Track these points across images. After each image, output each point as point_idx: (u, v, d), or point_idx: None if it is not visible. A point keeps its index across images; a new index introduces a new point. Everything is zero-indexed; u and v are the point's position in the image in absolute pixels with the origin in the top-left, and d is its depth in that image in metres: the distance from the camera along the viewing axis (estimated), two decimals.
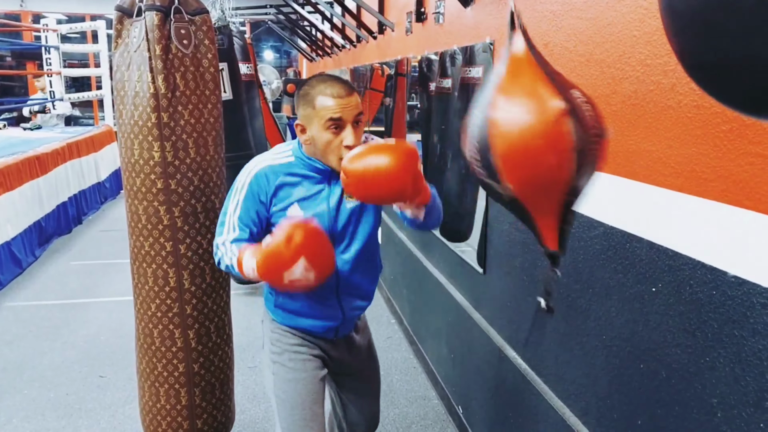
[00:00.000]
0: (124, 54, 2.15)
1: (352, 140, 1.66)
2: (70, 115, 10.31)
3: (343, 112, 1.65)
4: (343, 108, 1.65)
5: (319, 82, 1.70)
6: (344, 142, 1.66)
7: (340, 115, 1.64)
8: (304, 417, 1.86)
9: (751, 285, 1.24)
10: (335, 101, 1.65)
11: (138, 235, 2.24)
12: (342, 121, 1.65)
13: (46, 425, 3.10)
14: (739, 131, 1.27)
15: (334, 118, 1.64)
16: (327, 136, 1.66)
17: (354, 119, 1.67)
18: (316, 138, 1.69)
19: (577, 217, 1.86)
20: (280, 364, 1.90)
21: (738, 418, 1.29)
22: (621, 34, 1.64)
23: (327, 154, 1.70)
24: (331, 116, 1.64)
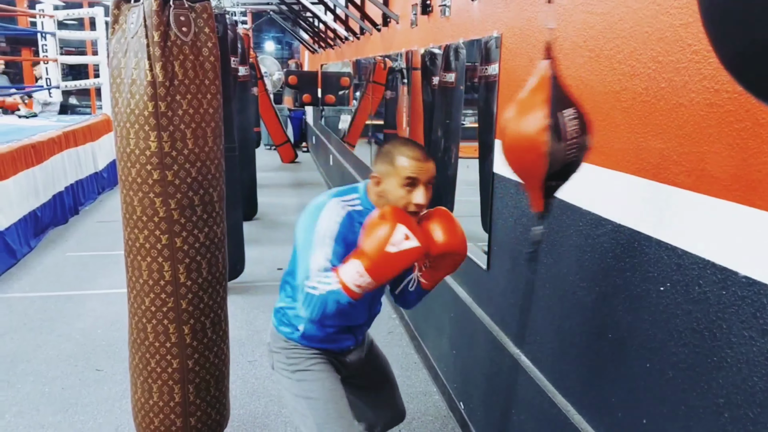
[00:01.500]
0: (121, 40, 2.11)
1: (422, 199, 1.80)
2: (66, 103, 10.24)
3: (419, 173, 1.79)
4: (419, 170, 1.80)
5: (402, 144, 1.86)
6: (414, 200, 1.80)
7: (417, 175, 1.79)
8: (338, 409, 1.97)
9: (762, 285, 1.23)
10: (414, 163, 1.79)
11: (133, 228, 2.20)
12: (417, 181, 1.80)
13: (41, 420, 3.06)
14: (753, 130, 1.24)
15: (411, 176, 1.79)
16: (401, 192, 1.80)
17: (427, 181, 1.82)
18: (390, 191, 1.82)
19: (584, 215, 1.85)
20: (302, 371, 2.01)
21: (744, 418, 1.28)
22: (632, 30, 1.61)
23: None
24: (410, 175, 1.79)
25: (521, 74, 2.29)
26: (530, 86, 1.48)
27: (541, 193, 1.49)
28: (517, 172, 1.55)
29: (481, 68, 2.78)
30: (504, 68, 2.46)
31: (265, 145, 12.47)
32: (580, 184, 1.87)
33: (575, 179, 1.48)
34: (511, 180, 2.35)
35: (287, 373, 2.03)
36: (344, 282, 1.71)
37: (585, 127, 1.42)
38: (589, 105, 1.82)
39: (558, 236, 2.02)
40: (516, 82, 2.34)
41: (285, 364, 2.03)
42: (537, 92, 1.45)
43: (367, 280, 1.69)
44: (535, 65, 2.16)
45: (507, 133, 1.49)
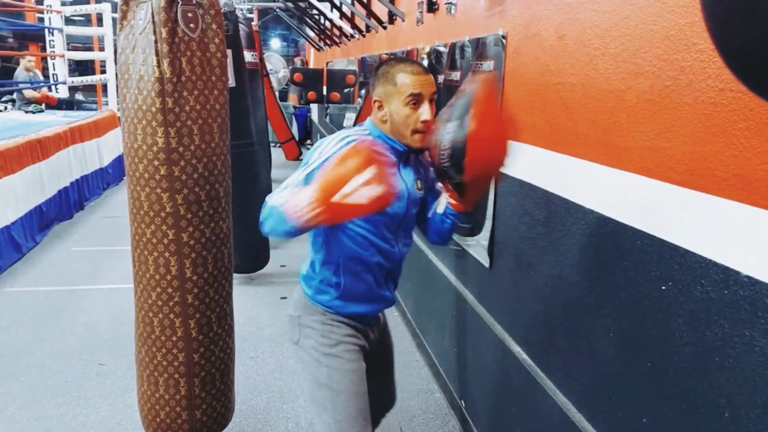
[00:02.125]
0: (129, 36, 2.12)
1: (429, 115, 1.74)
2: (72, 99, 10.26)
3: (422, 88, 1.73)
4: (422, 84, 1.74)
5: (398, 62, 1.79)
6: (421, 117, 1.74)
7: (420, 90, 1.73)
8: (359, 409, 1.88)
9: (764, 285, 1.23)
10: (415, 77, 1.74)
11: (140, 222, 2.21)
12: (421, 97, 1.74)
13: (44, 413, 3.08)
14: (756, 129, 1.25)
15: (415, 94, 1.73)
16: (406, 111, 1.75)
17: (430, 96, 1.76)
18: (394, 113, 1.77)
19: (586, 214, 1.85)
20: (333, 355, 1.90)
21: (746, 419, 1.28)
22: (637, 28, 1.61)
23: (403, 128, 1.78)
24: (412, 92, 1.73)
25: (526, 72, 2.30)
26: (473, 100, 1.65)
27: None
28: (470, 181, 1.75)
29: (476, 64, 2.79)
30: (509, 66, 2.46)
31: (270, 141, 12.47)
32: (583, 183, 1.88)
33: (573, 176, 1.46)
34: (513, 178, 2.36)
35: (316, 354, 1.91)
36: (295, 199, 1.54)
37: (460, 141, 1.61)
38: (593, 103, 1.83)
39: (560, 235, 2.02)
40: (521, 80, 2.35)
41: (317, 342, 1.91)
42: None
43: (313, 214, 1.50)
44: (540, 63, 2.17)
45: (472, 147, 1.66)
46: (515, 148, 1.77)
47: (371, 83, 1.85)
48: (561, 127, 2.03)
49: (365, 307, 1.95)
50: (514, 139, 1.77)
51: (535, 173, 2.21)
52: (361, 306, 1.94)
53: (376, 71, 1.83)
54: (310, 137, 13.55)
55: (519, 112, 2.36)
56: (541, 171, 2.17)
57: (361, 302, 1.93)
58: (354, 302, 1.92)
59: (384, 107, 1.79)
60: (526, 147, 2.27)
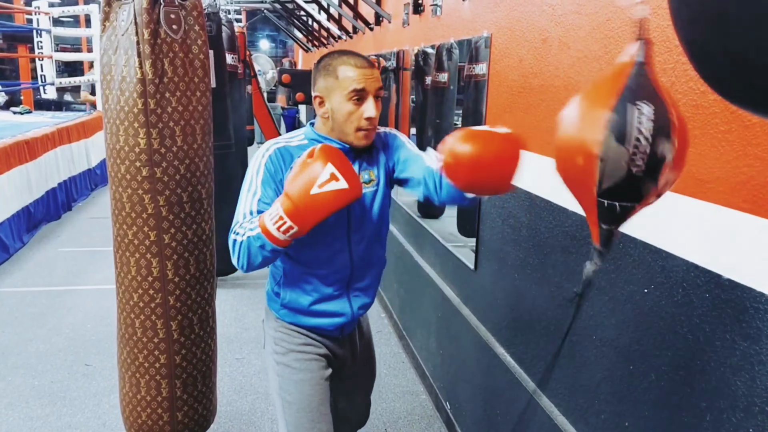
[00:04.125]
0: (111, 37, 2.10)
1: (374, 112, 1.64)
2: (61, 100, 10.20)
3: (366, 83, 1.62)
4: (366, 79, 1.62)
5: (341, 55, 1.67)
6: (365, 114, 1.63)
7: (364, 85, 1.62)
8: (311, 419, 1.81)
9: (745, 289, 1.23)
10: (359, 71, 1.62)
11: (121, 224, 2.19)
12: (364, 92, 1.63)
13: (30, 413, 3.06)
14: (738, 132, 1.25)
15: (358, 89, 1.62)
16: (348, 106, 1.63)
17: (375, 92, 1.65)
18: (336, 109, 1.65)
19: (569, 216, 1.85)
20: (284, 365, 1.84)
21: (727, 423, 1.28)
22: (620, 30, 1.61)
23: (346, 126, 1.66)
24: (355, 87, 1.61)
25: (511, 74, 2.30)
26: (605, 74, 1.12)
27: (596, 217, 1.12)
28: (567, 184, 1.16)
29: (469, 67, 2.79)
30: (494, 68, 2.46)
31: (258, 143, 12.45)
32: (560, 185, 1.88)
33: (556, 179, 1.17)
34: None
35: (271, 362, 1.87)
36: (265, 226, 1.53)
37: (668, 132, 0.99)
38: None
39: (544, 237, 2.02)
40: (506, 82, 2.35)
41: (271, 350, 1.87)
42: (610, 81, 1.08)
43: (288, 225, 1.50)
44: (525, 65, 2.17)
45: (559, 131, 1.14)
46: None
47: (312, 77, 1.71)
48: (544, 129, 2.03)
49: (315, 320, 1.83)
50: None
51: (519, 176, 2.21)
52: (309, 318, 1.83)
53: (317, 64, 1.71)
54: None
55: (503, 114, 2.36)
56: (526, 173, 2.16)
57: (308, 315, 1.83)
58: (300, 314, 1.84)
59: (325, 103, 1.67)
60: None
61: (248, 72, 7.85)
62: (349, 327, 1.93)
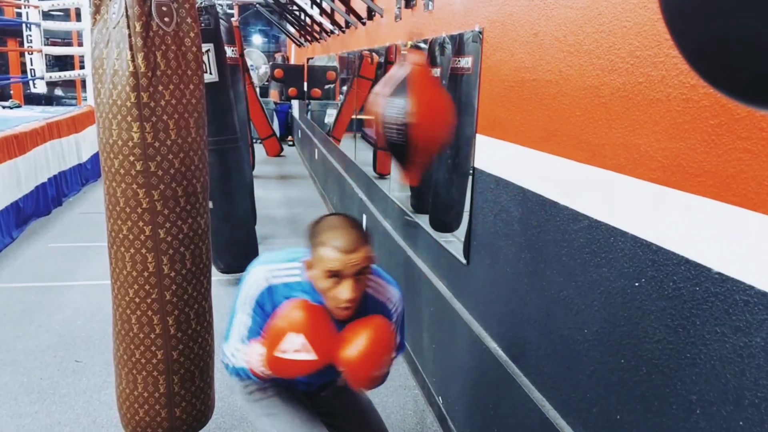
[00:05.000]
0: (102, 30, 2.09)
1: (348, 295, 1.60)
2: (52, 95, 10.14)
3: (344, 268, 1.59)
4: (345, 264, 1.59)
5: (330, 228, 1.64)
6: (341, 296, 1.61)
7: (341, 269, 1.59)
8: (301, 420, 1.88)
9: (735, 282, 1.23)
10: (339, 255, 1.59)
11: (116, 219, 2.18)
12: (342, 274, 1.60)
13: (19, 410, 3.04)
14: (728, 126, 1.25)
15: (333, 272, 1.59)
16: (327, 283, 1.62)
17: (356, 273, 1.61)
18: (317, 280, 1.65)
19: (561, 210, 1.86)
20: (265, 398, 1.90)
21: (717, 416, 1.28)
22: (611, 24, 1.61)
23: (324, 298, 1.66)
24: (330, 268, 1.59)
25: (502, 68, 2.30)
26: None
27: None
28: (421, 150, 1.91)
29: (456, 60, 2.79)
30: (485, 63, 2.46)
31: (253, 138, 12.42)
32: (558, 180, 1.89)
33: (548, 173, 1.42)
34: (490, 175, 2.36)
35: (245, 399, 1.93)
36: (250, 364, 1.70)
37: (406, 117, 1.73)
38: (568, 100, 1.83)
39: (536, 231, 2.03)
40: (497, 76, 2.35)
41: (248, 399, 1.92)
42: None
43: (267, 372, 1.66)
44: (517, 60, 2.17)
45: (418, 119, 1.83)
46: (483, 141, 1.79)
47: (307, 238, 1.70)
48: (536, 123, 2.03)
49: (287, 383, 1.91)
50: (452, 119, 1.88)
51: (511, 170, 2.22)
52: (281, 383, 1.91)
53: (312, 224, 1.69)
54: (291, 133, 13.50)
55: (495, 108, 2.37)
56: (517, 167, 2.17)
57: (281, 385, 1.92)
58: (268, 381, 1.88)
59: (311, 268, 1.66)
60: (502, 143, 2.27)
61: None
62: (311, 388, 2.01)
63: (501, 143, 2.27)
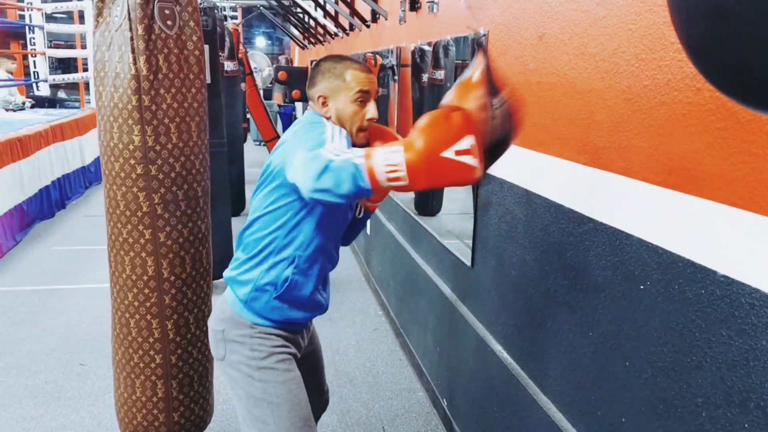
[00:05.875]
0: (105, 33, 2.09)
1: (375, 113, 1.76)
2: (55, 98, 10.16)
3: (370, 86, 1.75)
4: (370, 82, 1.75)
5: (343, 59, 1.78)
6: (368, 115, 1.75)
7: (369, 88, 1.75)
8: (302, 417, 1.81)
9: (740, 285, 1.23)
10: (365, 75, 1.75)
11: (116, 222, 2.18)
12: (369, 95, 1.75)
13: (24, 413, 3.04)
14: (733, 129, 1.24)
15: (364, 91, 1.74)
16: (353, 107, 1.74)
17: (375, 95, 1.78)
18: (341, 109, 1.75)
19: (566, 213, 1.85)
20: (266, 368, 1.81)
21: (723, 418, 1.28)
22: (616, 27, 1.61)
23: (349, 125, 1.76)
24: (362, 88, 1.73)
25: (507, 71, 2.29)
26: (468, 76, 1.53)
27: None
28: None
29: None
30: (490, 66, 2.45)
31: (254, 140, 12.44)
32: (564, 182, 1.88)
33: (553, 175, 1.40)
34: (495, 177, 2.35)
35: (248, 369, 1.81)
36: (373, 165, 1.37)
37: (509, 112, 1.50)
38: (573, 102, 1.83)
39: (541, 234, 2.02)
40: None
41: (246, 357, 1.81)
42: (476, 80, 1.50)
43: (400, 175, 1.35)
44: (522, 62, 2.17)
45: None
46: None
47: (313, 79, 1.79)
48: (541, 126, 2.03)
49: (302, 313, 1.86)
50: None
51: (516, 172, 2.21)
52: (298, 312, 1.85)
53: (317, 66, 1.80)
54: None
55: None
56: (523, 170, 2.17)
57: (299, 308, 1.84)
58: (292, 306, 1.83)
59: (328, 103, 1.77)
60: None
61: (242, 69, 7.84)
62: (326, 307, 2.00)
63: None
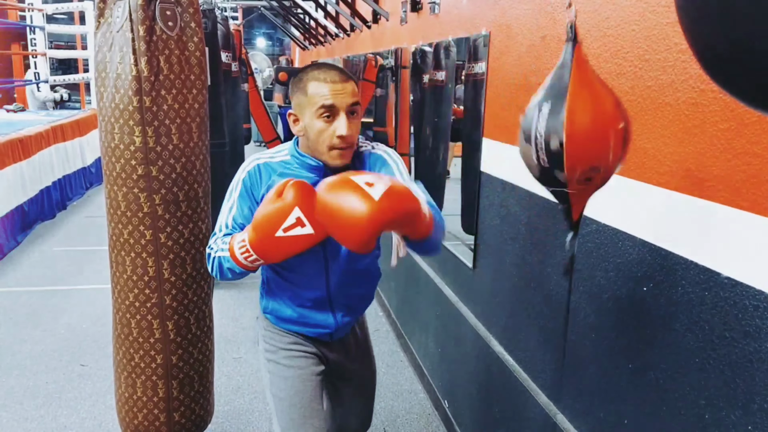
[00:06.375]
0: (106, 34, 2.09)
1: (345, 130, 1.56)
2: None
3: (335, 99, 1.55)
4: (335, 94, 1.55)
5: (312, 69, 1.61)
6: (336, 132, 1.56)
7: (333, 102, 1.55)
8: (302, 414, 1.78)
9: (744, 287, 1.22)
10: (328, 86, 1.56)
11: (117, 223, 2.18)
12: (335, 109, 1.56)
13: (24, 414, 3.04)
14: (737, 130, 1.24)
15: (326, 105, 1.55)
16: (319, 124, 1.57)
17: (348, 108, 1.58)
18: (308, 127, 1.59)
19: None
20: (274, 362, 1.83)
21: (726, 420, 1.27)
22: (619, 28, 1.60)
23: (318, 144, 1.60)
24: (323, 103, 1.55)
25: (509, 72, 2.29)
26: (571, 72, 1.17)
27: None
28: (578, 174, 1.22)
29: (468, 66, 2.78)
30: (492, 66, 2.45)
31: (255, 141, 12.42)
32: None
33: None
34: (497, 179, 2.35)
35: (263, 359, 1.88)
36: (233, 251, 1.55)
37: (558, 129, 1.11)
38: None
39: (543, 235, 2.02)
40: (504, 80, 2.34)
41: (263, 349, 1.88)
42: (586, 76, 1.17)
43: (253, 257, 1.53)
44: (523, 63, 2.16)
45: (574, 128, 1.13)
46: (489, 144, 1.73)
47: (290, 93, 1.67)
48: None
49: (298, 328, 1.84)
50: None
51: (518, 173, 2.20)
52: (293, 326, 1.84)
53: (291, 79, 1.68)
54: None
55: (502, 111, 2.36)
56: (524, 171, 2.16)
57: (291, 323, 1.83)
58: (284, 322, 1.84)
59: (299, 121, 1.62)
60: (508, 147, 2.26)
61: (245, 70, 7.85)
62: (338, 333, 1.89)
63: (507, 146, 2.26)
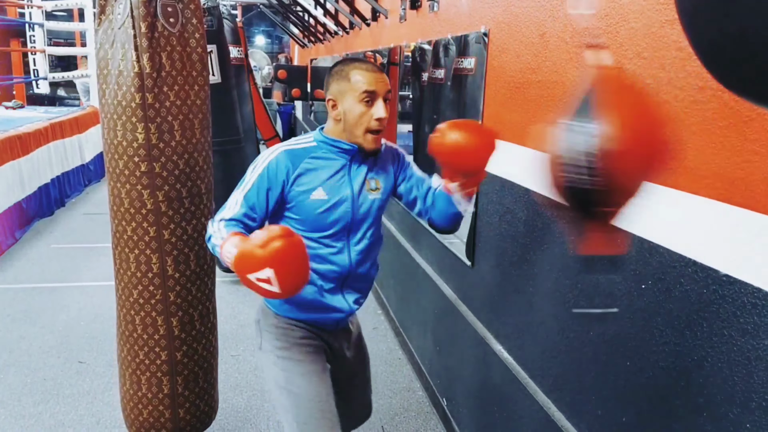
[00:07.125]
0: (107, 31, 2.09)
1: (383, 112, 1.76)
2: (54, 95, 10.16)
3: (376, 86, 1.75)
4: (376, 82, 1.75)
5: (352, 60, 1.81)
6: (375, 115, 1.75)
7: (374, 88, 1.74)
8: (321, 409, 1.84)
9: (743, 284, 1.23)
10: (370, 74, 1.76)
11: (120, 220, 2.18)
12: (375, 94, 1.75)
13: (22, 411, 3.04)
14: (736, 127, 1.25)
15: (369, 91, 1.74)
16: (360, 108, 1.75)
17: (385, 94, 1.77)
18: (348, 111, 1.77)
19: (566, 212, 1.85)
20: (288, 358, 1.89)
21: (724, 418, 1.28)
22: (618, 25, 1.61)
23: (356, 127, 1.78)
24: (366, 89, 1.74)
25: (508, 70, 2.29)
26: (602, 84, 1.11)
27: None
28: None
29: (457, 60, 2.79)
30: (491, 64, 2.46)
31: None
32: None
33: None
34: (495, 176, 2.35)
35: (273, 357, 1.90)
36: (223, 253, 1.64)
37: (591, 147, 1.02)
38: None
39: (541, 233, 2.02)
40: (503, 78, 2.34)
41: (273, 346, 1.91)
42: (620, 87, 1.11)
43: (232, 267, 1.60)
44: (523, 61, 2.17)
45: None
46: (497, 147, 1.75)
47: (326, 83, 1.83)
48: (542, 125, 2.03)
49: (314, 315, 1.91)
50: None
51: (516, 171, 2.21)
52: (307, 314, 1.90)
53: (330, 70, 1.84)
54: (295, 134, 13.49)
55: (501, 109, 2.36)
56: (523, 169, 2.17)
57: (306, 310, 1.89)
58: (300, 309, 1.89)
59: (338, 106, 1.79)
60: (507, 144, 2.26)
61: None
62: (343, 321, 2.00)
63: (506, 145, 2.26)
